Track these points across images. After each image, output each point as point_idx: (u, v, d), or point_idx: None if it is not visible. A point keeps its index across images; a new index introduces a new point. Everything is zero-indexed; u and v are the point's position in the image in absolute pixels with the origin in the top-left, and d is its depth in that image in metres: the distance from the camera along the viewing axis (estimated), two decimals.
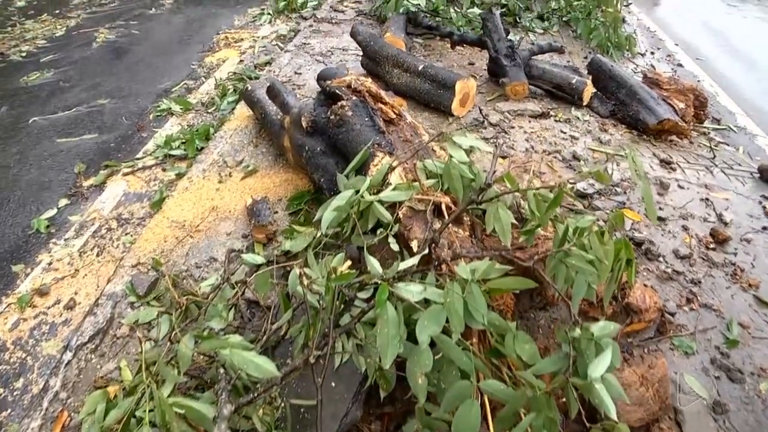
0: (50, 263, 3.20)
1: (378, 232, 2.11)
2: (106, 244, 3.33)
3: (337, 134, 2.65)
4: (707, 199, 3.57)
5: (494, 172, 2.05)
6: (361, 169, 2.47)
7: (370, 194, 2.20)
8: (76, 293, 2.93)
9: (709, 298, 2.76)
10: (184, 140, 4.18)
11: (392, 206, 2.18)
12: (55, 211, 3.67)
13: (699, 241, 3.17)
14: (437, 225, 2.06)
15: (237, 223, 3.12)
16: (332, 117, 2.66)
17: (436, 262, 1.82)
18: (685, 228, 3.27)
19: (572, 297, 1.82)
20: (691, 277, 2.89)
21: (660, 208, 3.43)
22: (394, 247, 2.03)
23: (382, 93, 2.86)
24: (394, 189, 2.14)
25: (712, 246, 3.13)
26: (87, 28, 6.99)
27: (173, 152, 4.09)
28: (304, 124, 2.87)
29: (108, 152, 4.32)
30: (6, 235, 3.48)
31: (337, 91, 2.78)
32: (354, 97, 2.71)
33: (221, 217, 3.17)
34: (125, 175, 3.96)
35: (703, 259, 3.03)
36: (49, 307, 2.85)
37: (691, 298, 2.75)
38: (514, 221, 2.05)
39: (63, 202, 3.76)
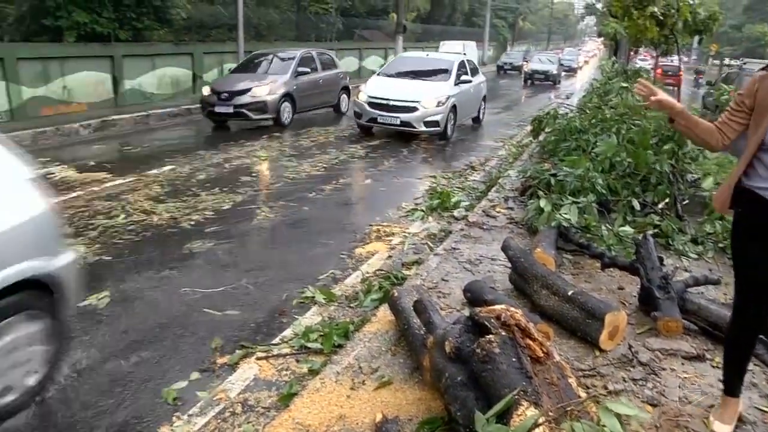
0: None
1: None
2: (227, 428, 3.32)
3: (481, 370, 2.53)
4: None
5: None
6: (503, 415, 2.31)
7: None
8: None
9: None
10: (322, 333, 4.23)
11: None
12: (186, 383, 3.77)
13: None
14: None
15: None
16: (478, 351, 2.56)
17: None
18: None
19: None
20: None
21: None
22: None
23: (531, 327, 2.75)
24: None
25: None
26: (250, 205, 7.64)
27: (310, 344, 4.13)
28: (447, 349, 2.80)
29: (246, 332, 4.46)
30: (137, 400, 3.60)
31: (485, 322, 2.70)
32: (503, 333, 2.62)
33: (347, 429, 3.05)
34: (259, 359, 4.02)
35: None
36: None
37: None
38: None
39: (195, 375, 3.87)
